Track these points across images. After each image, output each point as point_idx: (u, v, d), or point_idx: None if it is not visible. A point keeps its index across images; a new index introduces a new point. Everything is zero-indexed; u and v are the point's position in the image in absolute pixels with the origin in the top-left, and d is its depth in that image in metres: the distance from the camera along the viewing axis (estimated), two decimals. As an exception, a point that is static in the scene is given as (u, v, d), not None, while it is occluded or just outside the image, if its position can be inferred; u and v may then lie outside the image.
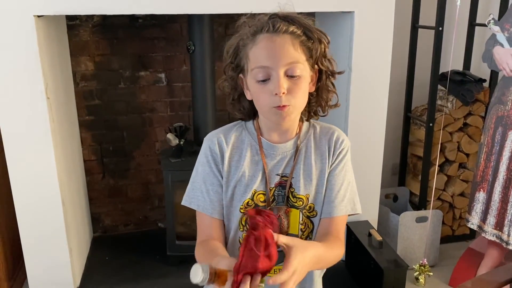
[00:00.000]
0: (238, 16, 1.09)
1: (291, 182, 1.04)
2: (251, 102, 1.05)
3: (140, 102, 2.61)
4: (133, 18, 2.46)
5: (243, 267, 0.82)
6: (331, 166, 1.07)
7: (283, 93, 0.95)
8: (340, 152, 1.08)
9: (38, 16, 1.83)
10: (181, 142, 2.39)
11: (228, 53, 1.04)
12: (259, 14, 1.03)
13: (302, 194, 1.05)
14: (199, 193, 1.07)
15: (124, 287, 2.24)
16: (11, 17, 1.78)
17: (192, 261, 1.07)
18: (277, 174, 1.05)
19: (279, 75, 0.95)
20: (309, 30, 0.99)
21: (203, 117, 2.40)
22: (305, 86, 0.99)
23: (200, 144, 2.43)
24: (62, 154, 2.10)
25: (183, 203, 1.10)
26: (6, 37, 1.80)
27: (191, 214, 1.10)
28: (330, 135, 1.08)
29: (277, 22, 0.97)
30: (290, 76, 0.96)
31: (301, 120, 1.08)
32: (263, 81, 0.96)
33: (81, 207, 2.48)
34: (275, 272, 0.99)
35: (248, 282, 0.82)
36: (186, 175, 1.16)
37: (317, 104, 1.07)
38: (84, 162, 2.61)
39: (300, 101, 0.99)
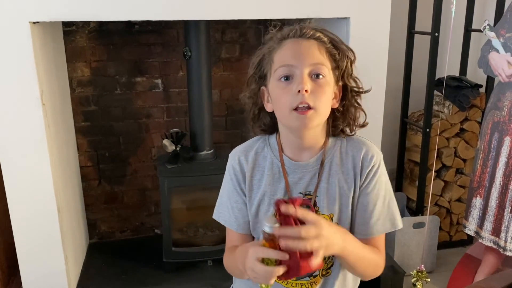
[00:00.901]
0: (235, 22, 1.09)
1: (315, 201, 1.02)
2: (272, 117, 1.04)
3: (136, 108, 2.61)
4: (129, 24, 2.46)
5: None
6: (361, 186, 1.02)
7: (306, 90, 0.92)
8: (370, 171, 1.02)
9: (34, 23, 1.83)
10: (178, 148, 2.38)
11: (253, 65, 1.04)
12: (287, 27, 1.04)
13: (326, 214, 1.02)
14: (225, 209, 1.09)
15: (120, 294, 2.23)
16: (6, 23, 1.78)
17: (189, 268, 1.08)
18: (300, 193, 1.03)
19: (303, 73, 0.93)
20: (336, 41, 0.99)
21: (199, 123, 2.39)
22: (329, 91, 0.97)
23: (196, 150, 2.42)
24: (58, 160, 2.09)
25: (213, 216, 1.12)
26: (1, 43, 1.80)
27: (188, 221, 1.11)
28: (357, 151, 1.03)
29: (304, 27, 0.99)
30: (314, 78, 0.95)
31: (327, 135, 1.04)
32: (286, 80, 0.95)
33: (77, 214, 2.47)
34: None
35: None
36: (182, 181, 1.17)
37: (345, 122, 1.04)
38: (80, 168, 2.60)
39: (323, 105, 0.95)
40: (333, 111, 1.01)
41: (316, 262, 0.84)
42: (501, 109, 2.14)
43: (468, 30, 2.75)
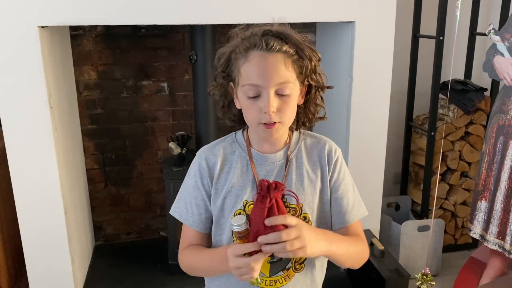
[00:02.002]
0: (235, 26, 1.09)
1: (283, 192, 1.05)
2: (240, 111, 1.06)
3: (142, 111, 2.62)
4: (135, 28, 2.48)
5: (252, 221, 0.94)
6: (331, 178, 1.09)
7: (273, 111, 0.97)
8: (335, 162, 1.09)
9: (42, 27, 1.85)
10: (183, 151, 2.39)
11: (219, 61, 1.06)
12: (253, 26, 1.04)
13: (295, 203, 1.05)
14: (183, 204, 1.11)
15: (126, 296, 2.24)
16: (15, 28, 1.80)
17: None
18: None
19: (269, 94, 0.96)
20: (301, 49, 1.00)
21: (205, 126, 2.41)
22: (294, 103, 1.02)
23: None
24: (65, 163, 2.11)
25: (170, 212, 1.13)
26: (11, 47, 1.82)
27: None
28: (321, 146, 1.10)
29: (271, 40, 0.98)
30: (280, 95, 0.98)
31: (290, 129, 1.10)
32: (253, 98, 0.98)
33: (83, 216, 2.49)
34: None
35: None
36: (188, 184, 1.18)
37: (305, 116, 1.09)
38: (86, 170, 2.62)
39: (288, 118, 1.01)
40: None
41: None
42: (506, 113, 2.14)
43: (473, 33, 2.75)
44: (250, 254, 0.92)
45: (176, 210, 1.12)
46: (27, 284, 2.14)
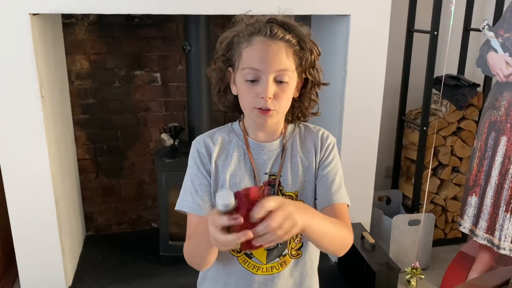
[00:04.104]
0: (230, 17, 1.09)
1: (279, 181, 1.06)
2: (236, 97, 1.07)
3: (135, 102, 2.61)
4: (129, 17, 2.46)
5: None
6: (321, 160, 1.09)
7: (270, 97, 0.98)
8: (327, 146, 1.10)
9: (34, 14, 1.82)
10: (176, 143, 2.38)
11: (221, 44, 1.06)
12: (258, 15, 1.05)
13: (291, 191, 1.07)
14: (189, 196, 1.07)
15: (117, 286, 2.24)
16: (6, 15, 1.78)
17: (185, 261, 1.07)
18: (265, 173, 1.07)
19: (268, 80, 0.97)
20: (303, 41, 1.01)
21: (198, 117, 2.40)
22: (290, 93, 1.03)
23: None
24: (56, 153, 2.09)
25: (176, 208, 1.09)
26: (1, 34, 1.79)
27: (184, 215, 1.10)
28: (315, 133, 1.12)
29: (275, 27, 0.99)
30: (278, 82, 0.99)
31: (286, 121, 1.11)
32: (252, 82, 0.99)
33: (74, 206, 2.47)
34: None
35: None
36: (180, 176, 1.16)
37: (299, 110, 1.10)
38: (78, 161, 2.61)
39: (283, 106, 1.02)
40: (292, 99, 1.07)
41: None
42: (498, 109, 2.16)
43: (467, 29, 2.76)
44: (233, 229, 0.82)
45: (184, 204, 1.07)
46: (17, 274, 2.13)
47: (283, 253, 1.07)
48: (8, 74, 1.84)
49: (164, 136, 2.37)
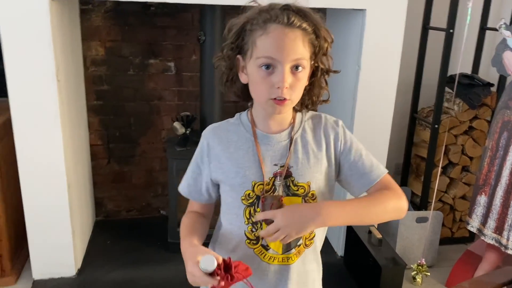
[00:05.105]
0: (246, 8, 1.08)
1: (290, 171, 1.06)
2: (245, 85, 1.05)
3: (148, 90, 2.63)
4: (145, 5, 2.47)
5: None
6: (340, 148, 1.09)
7: (286, 87, 0.97)
8: (340, 132, 1.10)
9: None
10: (187, 132, 2.40)
11: (230, 31, 1.03)
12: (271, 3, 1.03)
13: (303, 182, 1.06)
14: (186, 182, 1.16)
15: (125, 271, 2.27)
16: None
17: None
18: (275, 164, 1.06)
19: (284, 69, 0.96)
20: (318, 29, 1.00)
21: (210, 108, 2.41)
22: (304, 80, 1.02)
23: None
24: (70, 137, 2.12)
25: (178, 189, 1.18)
26: (21, 18, 1.82)
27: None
28: (324, 123, 1.11)
29: (292, 15, 0.97)
30: (294, 71, 0.98)
31: (294, 110, 1.10)
32: (267, 69, 0.97)
33: (85, 191, 2.51)
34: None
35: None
36: (190, 164, 1.20)
37: (308, 98, 1.09)
38: (90, 146, 2.64)
39: (297, 95, 1.02)
40: None
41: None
42: (511, 109, 2.14)
43: (483, 28, 2.74)
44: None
45: (181, 187, 1.17)
46: (28, 254, 2.18)
47: (298, 243, 1.08)
48: (26, 57, 1.87)
49: (177, 124, 2.39)
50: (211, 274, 0.91)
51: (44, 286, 2.14)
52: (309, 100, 1.09)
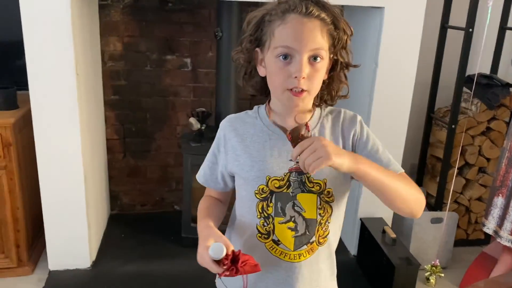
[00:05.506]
0: (262, 4, 1.07)
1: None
2: (263, 79, 1.05)
3: (164, 85, 2.65)
4: (163, 1, 2.49)
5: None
6: (358, 143, 1.07)
7: (303, 77, 0.95)
8: (358, 127, 1.08)
9: (73, -6, 1.88)
10: (202, 127, 2.42)
11: (249, 24, 1.03)
12: None
13: (319, 178, 1.04)
14: (203, 171, 1.17)
15: (138, 264, 2.30)
16: (47, -7, 1.83)
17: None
18: (291, 160, 1.04)
19: (302, 59, 0.95)
20: (337, 20, 0.99)
21: (225, 104, 2.42)
22: (323, 72, 1.00)
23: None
24: (87, 131, 2.15)
25: (196, 176, 1.19)
26: (42, 12, 1.85)
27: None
28: (342, 118, 1.09)
29: (310, 5, 0.97)
30: (311, 62, 0.97)
31: (313, 105, 1.08)
32: (285, 59, 0.96)
33: (101, 184, 2.54)
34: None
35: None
36: (205, 160, 1.21)
37: (327, 93, 1.08)
38: (106, 140, 2.67)
39: (315, 88, 1.00)
40: None
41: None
42: (531, 110, 2.11)
43: (503, 27, 2.70)
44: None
45: (199, 175, 1.19)
46: (44, 245, 2.21)
47: (311, 240, 1.06)
48: (46, 51, 1.90)
49: (192, 120, 2.40)
50: (218, 262, 0.93)
51: (60, 276, 2.17)
52: (328, 95, 1.08)
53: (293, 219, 1.04)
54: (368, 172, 0.95)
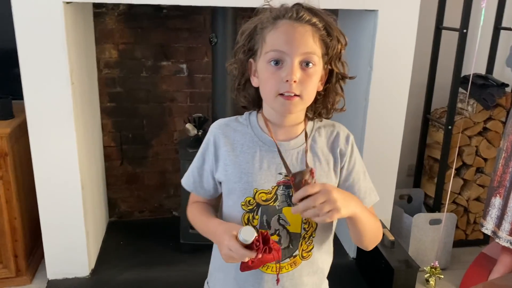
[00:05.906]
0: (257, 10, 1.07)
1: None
2: (256, 90, 1.04)
3: (160, 92, 2.65)
4: (157, 8, 2.49)
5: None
6: (341, 168, 1.07)
7: (295, 81, 0.94)
8: (348, 150, 1.07)
9: (67, 3, 1.87)
10: (199, 133, 2.41)
11: (242, 35, 1.03)
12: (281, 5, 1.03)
13: None
14: (197, 176, 1.11)
15: (138, 271, 2.29)
16: (41, 3, 1.83)
17: (205, 249, 1.10)
18: (280, 173, 1.02)
19: (293, 62, 0.94)
20: (330, 27, 0.98)
21: (221, 109, 2.42)
22: (316, 80, 0.99)
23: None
24: (84, 139, 2.14)
25: (182, 183, 1.16)
26: (36, 21, 1.85)
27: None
28: (335, 136, 1.07)
29: (302, 10, 0.96)
30: (304, 66, 0.95)
31: (306, 118, 1.07)
32: (276, 65, 0.95)
33: (98, 192, 2.54)
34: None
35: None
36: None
37: (323, 106, 1.06)
38: (103, 148, 2.67)
39: (309, 93, 0.98)
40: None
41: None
42: (526, 110, 2.11)
43: (497, 28, 2.71)
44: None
45: (184, 181, 1.15)
46: (42, 254, 2.21)
47: (294, 254, 1.05)
48: (40, 60, 1.89)
49: (189, 126, 2.40)
50: (249, 247, 0.91)
51: (59, 285, 2.17)
52: (324, 108, 1.06)
53: (277, 232, 1.03)
54: (360, 218, 1.00)
